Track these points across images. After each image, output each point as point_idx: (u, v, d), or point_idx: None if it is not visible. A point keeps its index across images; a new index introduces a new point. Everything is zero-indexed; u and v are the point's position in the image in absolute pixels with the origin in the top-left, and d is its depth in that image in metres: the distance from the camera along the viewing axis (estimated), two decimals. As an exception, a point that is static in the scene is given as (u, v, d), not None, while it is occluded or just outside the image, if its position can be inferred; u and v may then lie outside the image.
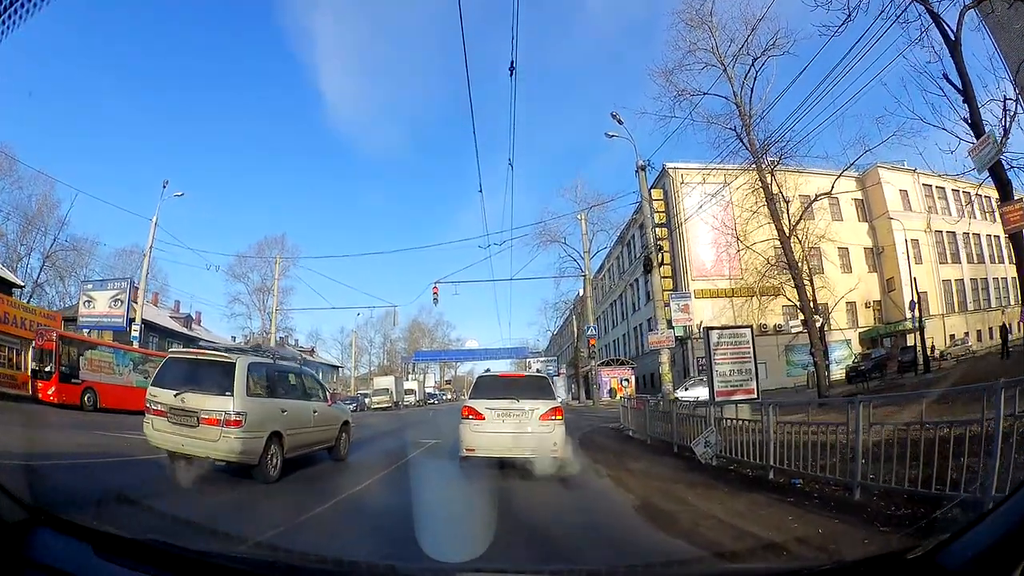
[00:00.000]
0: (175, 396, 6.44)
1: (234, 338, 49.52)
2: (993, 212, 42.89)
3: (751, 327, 12.24)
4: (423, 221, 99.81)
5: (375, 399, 41.65)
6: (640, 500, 5.85)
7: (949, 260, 40.75)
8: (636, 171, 15.39)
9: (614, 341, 48.14)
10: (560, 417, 7.72)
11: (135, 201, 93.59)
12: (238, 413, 6.34)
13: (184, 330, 41.86)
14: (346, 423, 9.41)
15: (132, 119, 68.49)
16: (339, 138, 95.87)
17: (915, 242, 37.92)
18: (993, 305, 40.81)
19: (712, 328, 11.58)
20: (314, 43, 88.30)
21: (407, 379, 54.22)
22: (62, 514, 1.90)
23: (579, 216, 27.66)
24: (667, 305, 16.24)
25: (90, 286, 28.98)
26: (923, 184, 41.35)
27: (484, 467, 7.58)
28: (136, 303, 26.86)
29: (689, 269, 33.40)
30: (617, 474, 7.60)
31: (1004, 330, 25.83)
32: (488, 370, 10.19)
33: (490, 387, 8.13)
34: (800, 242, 20.60)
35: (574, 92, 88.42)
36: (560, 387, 42.68)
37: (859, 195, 38.57)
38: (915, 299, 26.74)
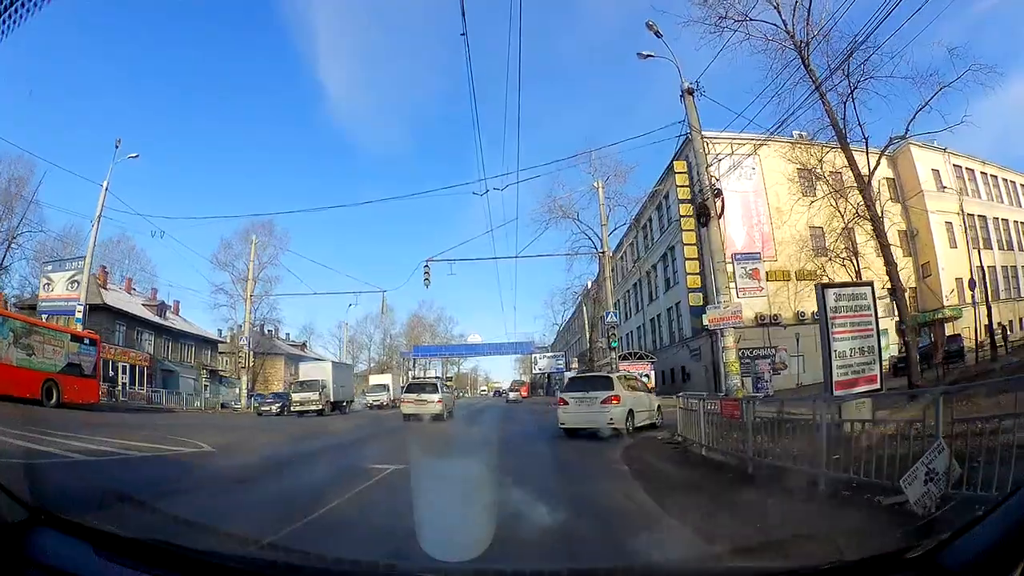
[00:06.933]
0: (416, 398, 19.66)
1: (219, 331, 46.07)
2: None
3: (871, 284, 9.23)
4: (420, 217, 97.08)
5: (297, 397, 25.81)
6: None
7: (981, 245, 38.40)
8: (681, 96, 12.50)
9: (628, 334, 45.18)
10: (616, 403, 12.08)
11: (130, 202, 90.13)
12: (442, 400, 20.08)
13: (157, 319, 38.18)
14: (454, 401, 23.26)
15: (124, 113, 65.27)
16: (334, 132, 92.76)
17: (948, 224, 35.96)
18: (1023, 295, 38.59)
19: (828, 286, 8.52)
20: (311, 33, 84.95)
21: (404, 375, 50.29)
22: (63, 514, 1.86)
23: (595, 184, 24.25)
24: (703, 289, 13.29)
25: (49, 267, 25.61)
26: (953, 165, 39.08)
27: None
28: (100, 285, 23.75)
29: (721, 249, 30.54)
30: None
31: (996, 329, 26.36)
32: (576, 373, 12.08)
33: (573, 384, 14.26)
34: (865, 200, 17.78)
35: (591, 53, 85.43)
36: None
37: (890, 174, 36.04)
38: (975, 277, 24.04)
